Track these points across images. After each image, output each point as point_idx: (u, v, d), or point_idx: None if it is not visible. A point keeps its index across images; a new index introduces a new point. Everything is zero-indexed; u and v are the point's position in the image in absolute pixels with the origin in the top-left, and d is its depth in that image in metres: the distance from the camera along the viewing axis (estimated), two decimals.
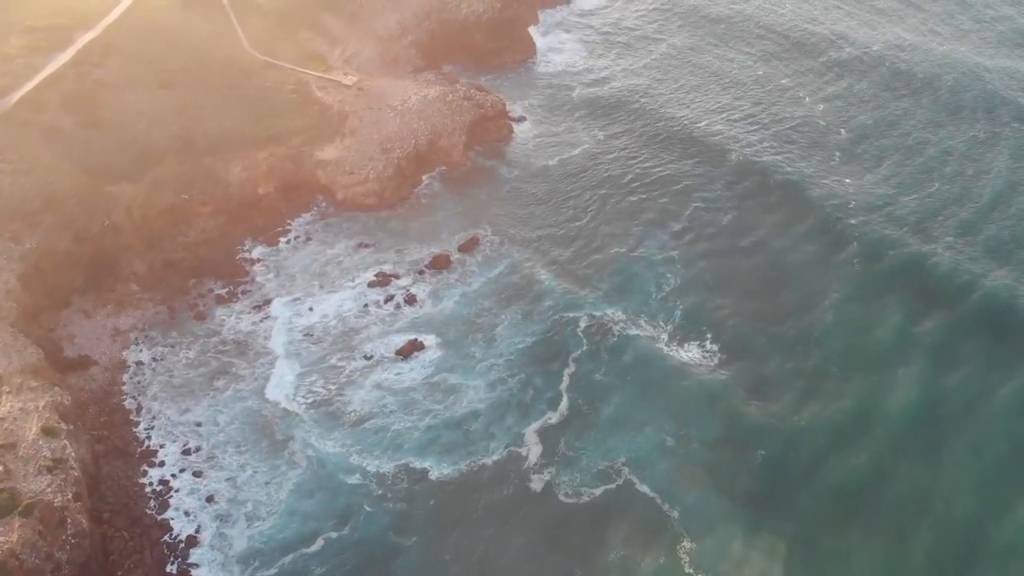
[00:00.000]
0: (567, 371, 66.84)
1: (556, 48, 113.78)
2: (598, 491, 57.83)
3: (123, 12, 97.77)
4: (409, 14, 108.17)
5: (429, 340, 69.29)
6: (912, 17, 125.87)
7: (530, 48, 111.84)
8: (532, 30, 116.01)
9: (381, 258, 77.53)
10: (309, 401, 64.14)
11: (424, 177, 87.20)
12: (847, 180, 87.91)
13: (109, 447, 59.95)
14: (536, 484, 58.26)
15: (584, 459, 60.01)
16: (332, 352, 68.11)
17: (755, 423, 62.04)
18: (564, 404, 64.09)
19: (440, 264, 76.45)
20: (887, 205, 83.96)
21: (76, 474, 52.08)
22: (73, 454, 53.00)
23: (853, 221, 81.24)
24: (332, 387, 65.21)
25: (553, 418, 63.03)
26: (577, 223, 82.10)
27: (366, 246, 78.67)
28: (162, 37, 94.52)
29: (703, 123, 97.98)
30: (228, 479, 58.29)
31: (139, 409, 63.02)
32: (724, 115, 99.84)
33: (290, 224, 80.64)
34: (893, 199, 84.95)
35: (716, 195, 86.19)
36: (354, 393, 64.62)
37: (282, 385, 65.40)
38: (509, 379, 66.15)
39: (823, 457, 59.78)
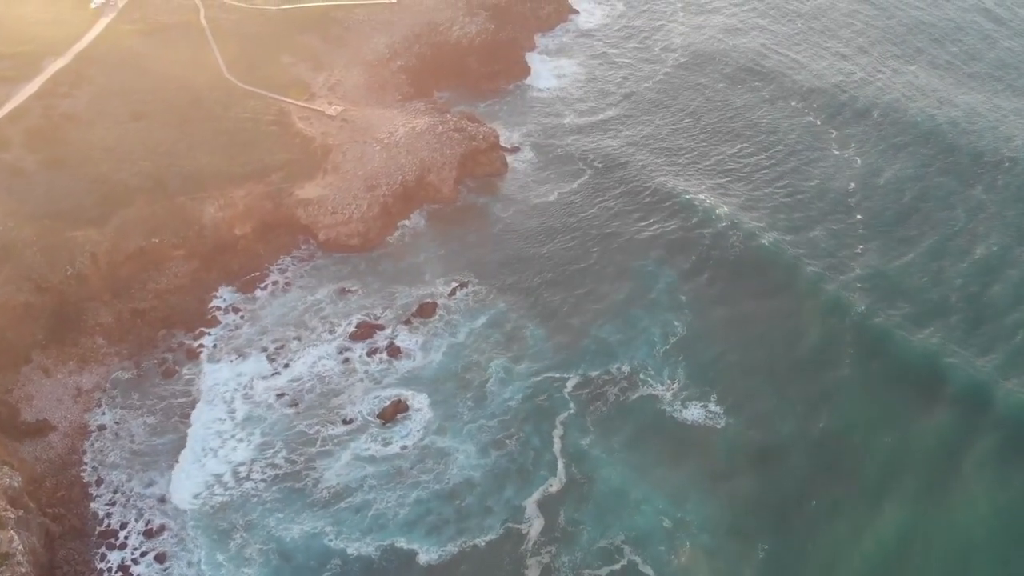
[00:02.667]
0: (559, 434, 62.30)
1: (554, 73, 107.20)
2: (601, 573, 53.80)
3: (95, 38, 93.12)
4: (398, 37, 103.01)
5: (415, 399, 64.63)
6: (937, 56, 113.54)
7: (526, 73, 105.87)
8: (529, 55, 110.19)
9: (364, 304, 72.57)
10: (268, 477, 58.70)
11: (412, 215, 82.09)
12: (872, 251, 78.34)
13: (66, 527, 54.97)
14: (535, 566, 53.93)
15: (584, 535, 55.67)
16: (305, 416, 62.96)
17: (761, 509, 57.28)
18: (560, 472, 59.69)
19: (426, 312, 71.65)
20: (916, 283, 74.43)
21: (24, 570, 47.24)
22: (21, 547, 48.17)
23: (876, 299, 72.63)
24: (300, 458, 59.90)
25: (553, 486, 58.73)
26: (576, 268, 76.61)
27: (349, 292, 73.68)
28: (135, 64, 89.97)
29: (712, 163, 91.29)
30: (192, 563, 53.35)
31: (99, 481, 58.04)
32: (732, 160, 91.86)
33: (269, 268, 75.63)
34: (922, 276, 75.23)
35: (728, 245, 78.89)
36: (329, 465, 59.47)
37: (190, 480, 58.01)
38: (506, 441, 61.84)
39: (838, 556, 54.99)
